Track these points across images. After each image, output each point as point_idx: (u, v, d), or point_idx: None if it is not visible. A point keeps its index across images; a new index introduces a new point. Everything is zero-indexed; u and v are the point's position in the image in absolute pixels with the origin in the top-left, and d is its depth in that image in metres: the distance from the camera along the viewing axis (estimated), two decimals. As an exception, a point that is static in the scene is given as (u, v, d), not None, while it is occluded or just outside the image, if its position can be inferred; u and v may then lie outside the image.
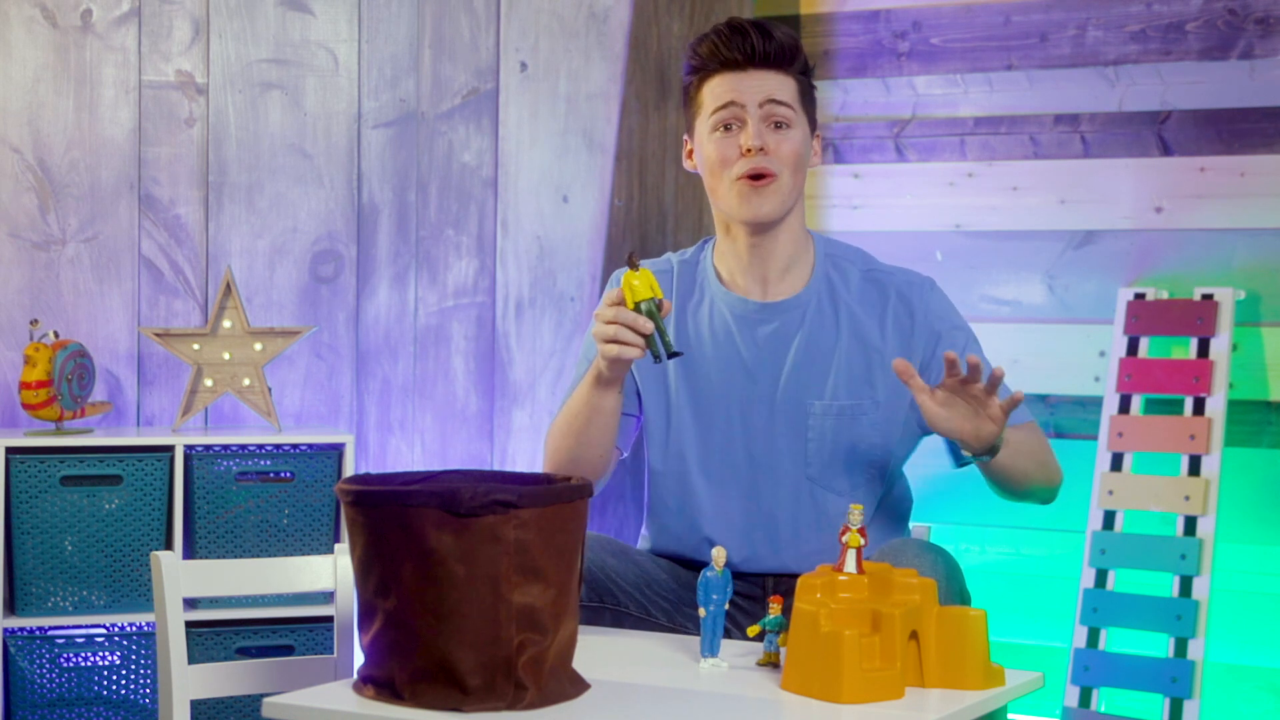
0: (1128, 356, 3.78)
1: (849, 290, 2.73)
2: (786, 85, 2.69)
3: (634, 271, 2.47)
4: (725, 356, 2.72)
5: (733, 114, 2.67)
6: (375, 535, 2.02)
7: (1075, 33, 3.89)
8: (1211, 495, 3.62)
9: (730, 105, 2.67)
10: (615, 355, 2.47)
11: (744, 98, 2.67)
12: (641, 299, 2.46)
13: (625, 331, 2.46)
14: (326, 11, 4.00)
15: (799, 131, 2.70)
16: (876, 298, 2.72)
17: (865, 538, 2.18)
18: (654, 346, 2.46)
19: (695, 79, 2.72)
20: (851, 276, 2.74)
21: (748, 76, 2.67)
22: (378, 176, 4.05)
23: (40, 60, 3.83)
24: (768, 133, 2.67)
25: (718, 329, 2.74)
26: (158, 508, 3.61)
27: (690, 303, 2.77)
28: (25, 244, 3.82)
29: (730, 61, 2.68)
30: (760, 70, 2.68)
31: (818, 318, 2.71)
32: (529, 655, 2.00)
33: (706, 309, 2.75)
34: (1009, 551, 3.94)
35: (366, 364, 4.04)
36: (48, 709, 3.55)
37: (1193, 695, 3.56)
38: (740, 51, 2.67)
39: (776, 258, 2.73)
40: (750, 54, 2.67)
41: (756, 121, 2.66)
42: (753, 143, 2.65)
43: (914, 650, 2.11)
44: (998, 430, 2.48)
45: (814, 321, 2.71)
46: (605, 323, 2.47)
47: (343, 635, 2.52)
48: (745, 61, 2.67)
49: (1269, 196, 3.71)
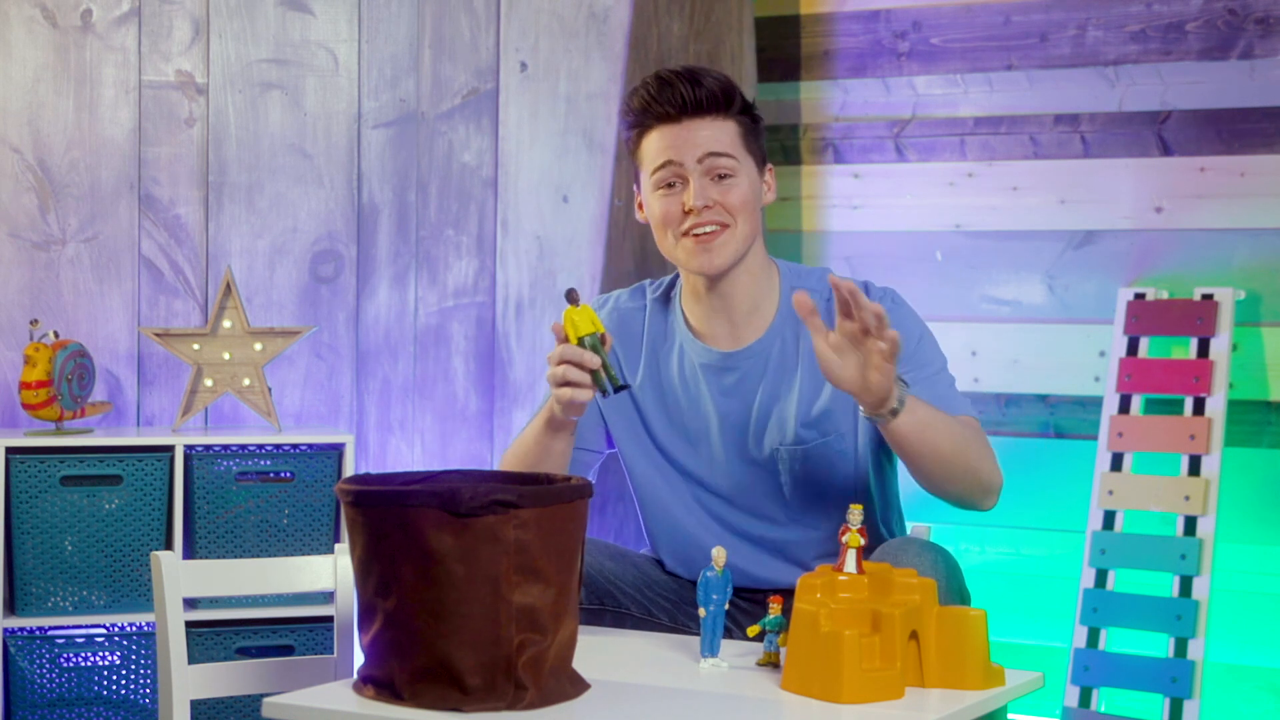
0: (1128, 356, 3.78)
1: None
2: (725, 131, 2.62)
3: (574, 308, 2.45)
4: (697, 405, 2.70)
5: (673, 172, 2.62)
6: (375, 535, 2.02)
7: (1075, 33, 3.89)
8: (1211, 495, 3.62)
9: (669, 164, 2.61)
10: (569, 399, 2.45)
11: (682, 155, 2.61)
12: (584, 334, 2.44)
13: (572, 370, 2.43)
14: (326, 11, 4.01)
15: (744, 178, 2.63)
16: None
17: (865, 537, 2.18)
18: (600, 381, 2.44)
19: (634, 134, 2.67)
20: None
21: (683, 129, 2.61)
22: (378, 176, 4.05)
23: (40, 60, 3.83)
24: (711, 186, 2.61)
25: (688, 377, 2.71)
26: (158, 508, 3.61)
27: (663, 348, 2.74)
28: (25, 244, 3.82)
29: (664, 115, 2.61)
30: (695, 120, 2.61)
31: (780, 362, 2.67)
32: (529, 655, 2.00)
33: (676, 355, 2.72)
34: (1009, 551, 3.94)
35: (366, 364, 4.04)
36: (48, 709, 3.55)
37: (1193, 695, 3.56)
38: (671, 104, 2.61)
39: (739, 300, 2.68)
40: (682, 105, 2.60)
41: (698, 178, 2.60)
42: (695, 202, 2.59)
43: (914, 650, 2.11)
44: (884, 382, 2.37)
45: (776, 367, 2.67)
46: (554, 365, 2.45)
47: (343, 635, 2.52)
48: (679, 113, 2.61)
49: (1269, 196, 3.71)
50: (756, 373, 2.67)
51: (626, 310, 2.77)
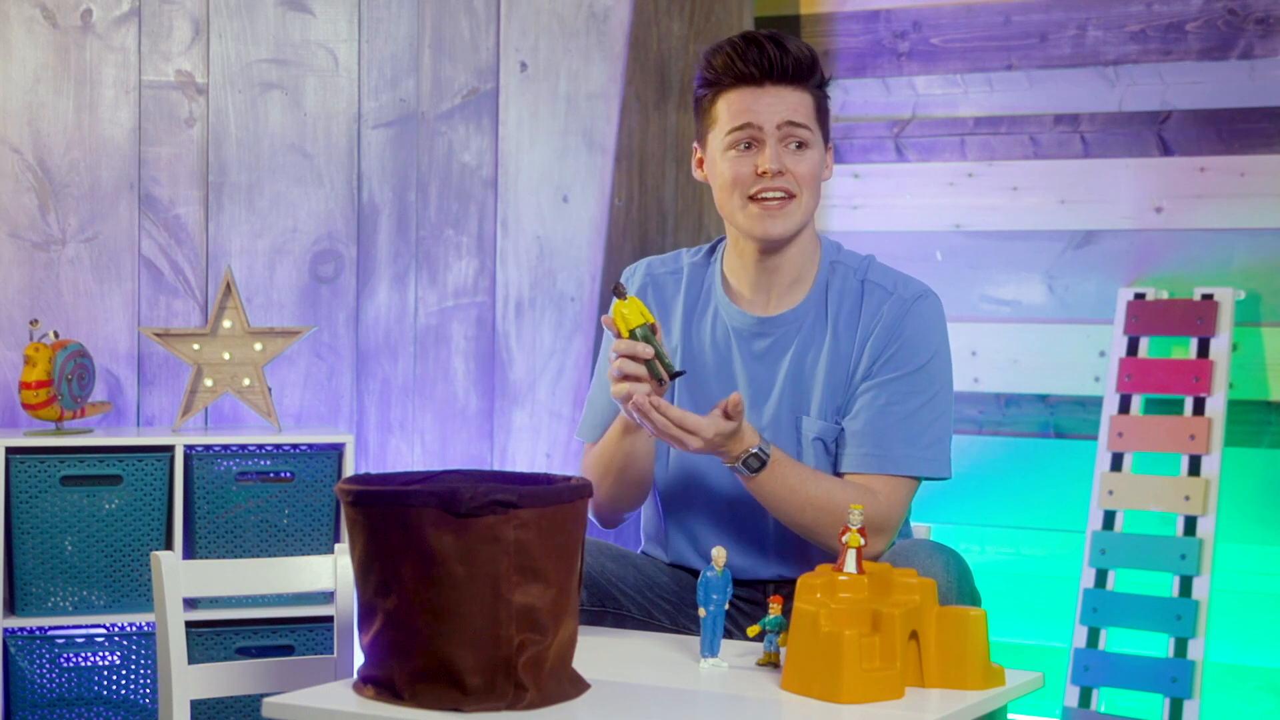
0: (1128, 356, 3.78)
1: (842, 301, 2.66)
2: (804, 103, 2.61)
3: (622, 301, 2.46)
4: (725, 371, 2.69)
5: (750, 134, 2.60)
6: (375, 535, 2.02)
7: (1075, 33, 3.89)
8: (1211, 495, 3.62)
9: (747, 126, 2.60)
10: (627, 394, 2.44)
11: (761, 119, 2.59)
12: (635, 325, 2.45)
13: (628, 363, 2.44)
14: (326, 11, 4.01)
15: (816, 151, 2.63)
16: (865, 311, 2.65)
17: (865, 537, 2.18)
18: (655, 370, 2.45)
19: (710, 92, 2.64)
20: (850, 286, 2.67)
21: (764, 94, 2.60)
22: (378, 176, 4.05)
23: (40, 60, 3.83)
24: (786, 153, 2.60)
25: (720, 341, 2.70)
26: (158, 508, 3.61)
27: (696, 311, 2.73)
28: (25, 244, 3.82)
29: (746, 76, 2.59)
30: (777, 87, 2.59)
31: (809, 333, 2.67)
32: (529, 655, 2.00)
33: (710, 320, 2.72)
34: (1009, 551, 3.94)
35: (366, 364, 4.04)
36: (48, 709, 3.55)
37: (1193, 695, 3.56)
38: (756, 66, 2.59)
39: (784, 272, 2.68)
40: (767, 69, 2.58)
41: (774, 143, 2.60)
42: (770, 165, 2.59)
43: (914, 650, 2.11)
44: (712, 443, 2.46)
45: (805, 337, 2.67)
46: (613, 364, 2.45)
47: (343, 635, 2.52)
48: (762, 77, 2.59)
49: (1269, 196, 3.71)
50: (786, 340, 2.67)
51: (660, 275, 2.77)
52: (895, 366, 2.61)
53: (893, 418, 2.59)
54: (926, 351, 2.62)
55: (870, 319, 2.64)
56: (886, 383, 2.60)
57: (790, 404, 2.66)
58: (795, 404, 2.65)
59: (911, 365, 2.61)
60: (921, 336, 2.63)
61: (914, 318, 2.63)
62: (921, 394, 2.61)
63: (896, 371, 2.60)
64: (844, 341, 2.65)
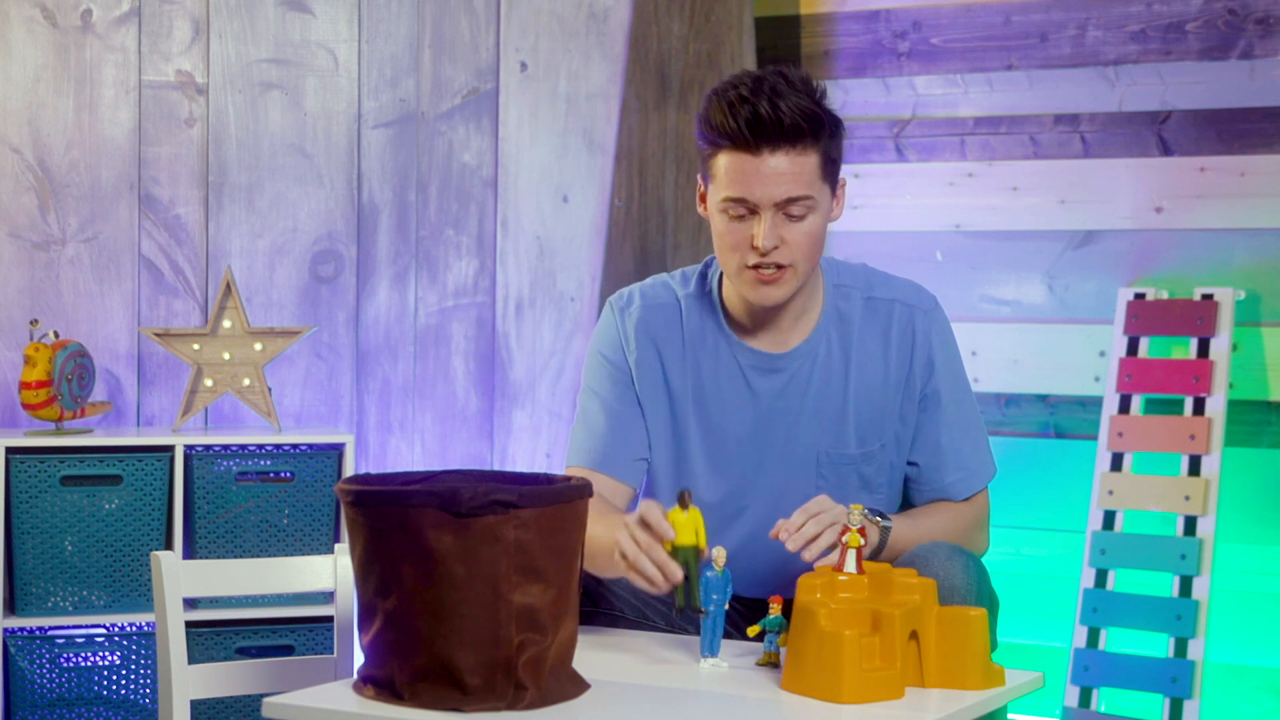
0: (1128, 356, 3.78)
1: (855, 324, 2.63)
2: (806, 168, 2.48)
3: (682, 512, 2.26)
4: (738, 405, 2.64)
5: (745, 207, 2.49)
6: (375, 535, 2.02)
7: (1075, 33, 3.89)
8: (1211, 495, 3.62)
9: (743, 201, 2.48)
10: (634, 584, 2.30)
11: (757, 196, 2.46)
12: (683, 544, 2.25)
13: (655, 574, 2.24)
14: (326, 11, 4.01)
15: (818, 213, 2.51)
16: (879, 328, 2.63)
17: (865, 537, 2.18)
18: (679, 596, 2.24)
19: (709, 147, 2.51)
20: (855, 305, 2.64)
21: (762, 166, 2.45)
22: (378, 176, 4.05)
23: (40, 60, 3.83)
24: (783, 225, 2.48)
25: (731, 376, 2.64)
26: (158, 508, 3.61)
27: (702, 346, 2.65)
28: (25, 244, 3.82)
29: (742, 141, 2.45)
30: (775, 155, 2.45)
31: (827, 363, 2.62)
32: (529, 655, 2.00)
33: (715, 352, 2.65)
34: (1009, 551, 3.94)
35: (366, 364, 4.05)
36: (48, 709, 3.55)
37: (1193, 695, 3.56)
38: (750, 129, 2.44)
39: (789, 311, 2.61)
40: (764, 134, 2.44)
41: (771, 216, 2.48)
42: (765, 243, 2.47)
43: (914, 650, 2.11)
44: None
45: (824, 368, 2.62)
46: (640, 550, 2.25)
47: (343, 635, 2.52)
48: (759, 142, 2.45)
49: (1269, 196, 3.71)
50: (805, 373, 2.63)
51: (656, 308, 2.67)
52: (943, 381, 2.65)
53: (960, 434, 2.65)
54: (955, 357, 2.69)
55: (902, 336, 2.63)
56: (944, 404, 2.64)
57: (812, 435, 2.63)
58: (818, 434, 2.63)
59: (951, 377, 2.66)
60: (950, 344, 2.68)
61: (938, 326, 2.66)
62: (966, 400, 2.68)
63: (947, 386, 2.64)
64: (873, 364, 2.63)
